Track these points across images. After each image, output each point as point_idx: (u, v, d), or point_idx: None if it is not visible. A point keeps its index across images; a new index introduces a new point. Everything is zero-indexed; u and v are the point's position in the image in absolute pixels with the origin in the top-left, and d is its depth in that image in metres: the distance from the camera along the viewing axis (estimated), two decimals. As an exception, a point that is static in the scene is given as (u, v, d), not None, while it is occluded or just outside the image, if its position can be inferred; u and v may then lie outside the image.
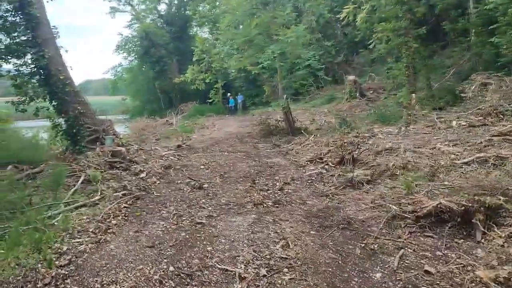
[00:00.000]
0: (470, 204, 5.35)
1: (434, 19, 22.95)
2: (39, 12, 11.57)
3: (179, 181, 9.94)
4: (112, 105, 53.11)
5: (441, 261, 4.82)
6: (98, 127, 12.47)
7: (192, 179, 9.95)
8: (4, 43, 11.76)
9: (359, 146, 10.90)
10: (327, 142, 12.63)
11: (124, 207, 7.84)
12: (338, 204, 7.24)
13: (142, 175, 10.33)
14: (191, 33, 42.22)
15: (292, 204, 7.54)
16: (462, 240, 5.27)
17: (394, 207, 6.30)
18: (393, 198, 6.83)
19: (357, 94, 23.46)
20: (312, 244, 5.53)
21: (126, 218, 7.18)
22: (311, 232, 5.98)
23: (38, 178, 10.06)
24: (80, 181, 9.35)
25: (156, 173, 10.69)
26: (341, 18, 23.82)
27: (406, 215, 5.95)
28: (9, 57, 11.81)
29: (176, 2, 42.60)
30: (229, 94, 35.74)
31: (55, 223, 6.91)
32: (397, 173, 8.22)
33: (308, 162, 10.98)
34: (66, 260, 5.39)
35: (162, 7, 43.45)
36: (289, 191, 8.55)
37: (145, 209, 7.78)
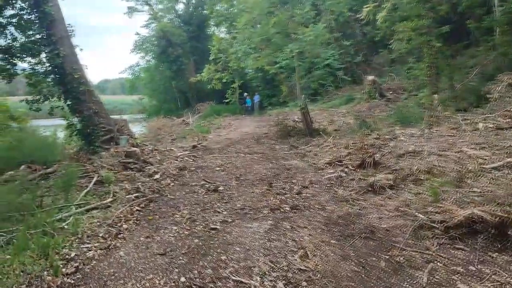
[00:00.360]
0: (505, 215, 4.93)
1: (457, 17, 22.28)
2: (54, 10, 11.43)
3: (193, 183, 9.68)
4: (130, 105, 53.45)
5: (474, 277, 4.41)
6: (112, 127, 12.28)
7: (207, 182, 9.68)
8: (20, 41, 11.65)
9: (380, 149, 10.49)
10: (346, 144, 12.25)
11: (137, 210, 7.61)
12: (359, 211, 6.86)
13: (156, 176, 10.10)
14: (208, 32, 42.02)
15: (311, 210, 7.19)
16: (497, 254, 4.84)
17: (421, 215, 5.90)
18: (418, 205, 6.41)
19: (377, 95, 22.94)
20: (332, 254, 5.18)
21: (137, 222, 6.93)
22: (331, 241, 5.62)
23: (51, 178, 9.91)
24: (92, 182, 9.16)
25: (170, 174, 10.45)
26: (361, 17, 23.35)
27: (434, 224, 5.54)
28: (24, 55, 11.71)
29: (193, 1, 42.52)
30: (245, 94, 35.46)
31: (65, 227, 6.70)
32: (422, 178, 7.80)
33: (327, 165, 10.61)
34: (73, 267, 5.15)
35: (180, 7, 43.46)
36: (307, 195, 8.20)
37: (157, 212, 7.53)
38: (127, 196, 8.39)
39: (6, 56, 11.41)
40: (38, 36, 11.74)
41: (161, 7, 42.10)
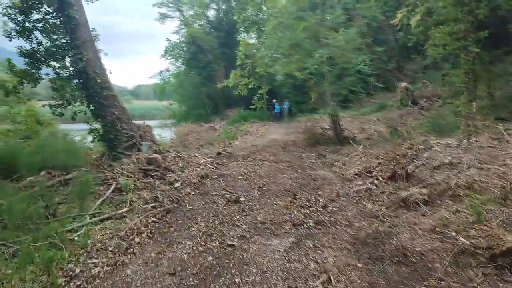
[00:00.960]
0: None
1: (497, 21, 21.19)
2: (78, 14, 11.23)
3: (214, 193, 9.24)
4: (161, 110, 53.76)
5: (527, 317, 3.77)
6: (135, 133, 11.97)
7: (228, 191, 9.22)
8: (44, 46, 11.49)
9: (413, 160, 9.77)
10: (377, 154, 11.56)
11: (152, 221, 7.21)
12: (390, 229, 6.22)
13: (177, 184, 9.70)
14: (238, 38, 41.78)
15: (337, 226, 6.61)
16: (553, 288, 4.16)
17: (462, 238, 5.20)
18: (458, 226, 5.70)
19: (409, 102, 22.06)
20: (359, 281, 4.60)
21: (151, 235, 6.52)
22: (358, 265, 5.03)
23: (70, 185, 9.63)
24: (110, 190, 8.83)
25: (191, 183, 10.02)
26: (395, 23, 22.60)
27: (478, 251, 4.85)
28: (48, 59, 11.55)
29: (224, 7, 42.37)
30: (274, 100, 34.97)
31: (76, 238, 6.34)
32: (461, 194, 7.04)
33: (356, 176, 9.98)
34: (75, 286, 4.74)
35: (211, 13, 43.38)
36: (334, 209, 7.62)
37: (174, 224, 7.10)
38: (144, 206, 8.00)
39: (31, 60, 11.26)
40: (62, 41, 11.57)
41: (192, 13, 42.13)
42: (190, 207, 8.18)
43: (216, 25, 41.76)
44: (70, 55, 11.37)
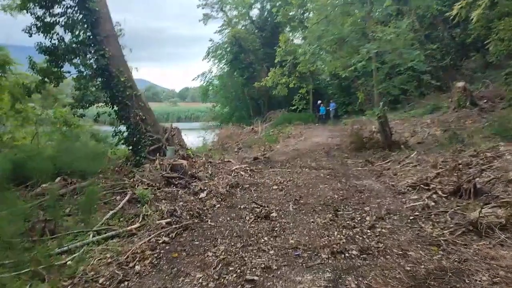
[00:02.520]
0: None
1: None
2: (99, 7, 10.37)
3: (242, 206, 8.04)
4: (205, 112, 53.42)
5: None
6: (160, 136, 10.93)
7: (259, 204, 7.98)
8: (67, 42, 10.71)
9: (482, 171, 8.17)
10: (434, 161, 10.01)
11: (163, 242, 6.07)
12: (459, 265, 4.77)
13: (202, 195, 8.58)
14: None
15: (387, 256, 5.23)
16: None
17: None
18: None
19: (467, 103, 20.02)
20: None
21: (156, 262, 5.36)
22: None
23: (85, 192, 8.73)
24: (123, 202, 7.79)
25: (218, 193, 8.86)
26: (450, 16, 20.66)
27: None
28: (71, 56, 10.77)
29: (268, 7, 41.25)
30: (319, 101, 33.58)
31: (69, 262, 5.30)
32: (550, 218, 5.52)
33: (410, 188, 8.50)
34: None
35: (254, 12, 42.42)
36: (383, 230, 6.22)
37: (187, 246, 5.94)
38: (158, 222, 6.90)
39: (53, 57, 10.51)
40: (84, 35, 10.72)
41: (236, 13, 41.29)
42: (212, 223, 7.01)
43: (260, 25, 40.79)
44: (92, 51, 10.49)
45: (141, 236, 6.29)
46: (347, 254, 5.32)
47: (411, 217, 6.76)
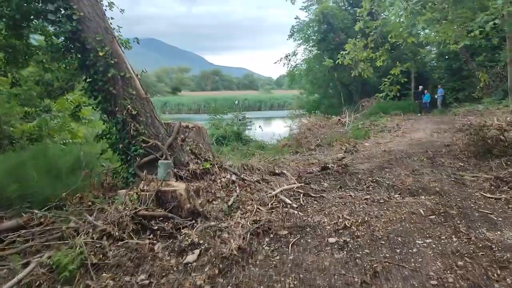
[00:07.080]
0: None
1: None
2: None
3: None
4: (292, 99, 49.80)
5: None
6: (160, 141, 7.01)
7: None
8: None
9: None
10: None
11: None
12: None
13: (190, 257, 4.64)
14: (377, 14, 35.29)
15: None
16: None
17: None
18: None
19: None
20: None
21: None
22: None
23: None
24: (23, 274, 4.11)
25: (221, 254, 4.77)
26: None
27: None
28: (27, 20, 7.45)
29: (363, -23, 36.20)
30: (421, 87, 28.25)
31: None
32: None
33: None
34: None
35: (347, -15, 37.49)
36: None
37: None
38: None
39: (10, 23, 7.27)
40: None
41: (324, -12, 36.70)
42: None
43: (351, 0, 35.78)
44: (52, 9, 6.88)
45: None
46: None
47: None
